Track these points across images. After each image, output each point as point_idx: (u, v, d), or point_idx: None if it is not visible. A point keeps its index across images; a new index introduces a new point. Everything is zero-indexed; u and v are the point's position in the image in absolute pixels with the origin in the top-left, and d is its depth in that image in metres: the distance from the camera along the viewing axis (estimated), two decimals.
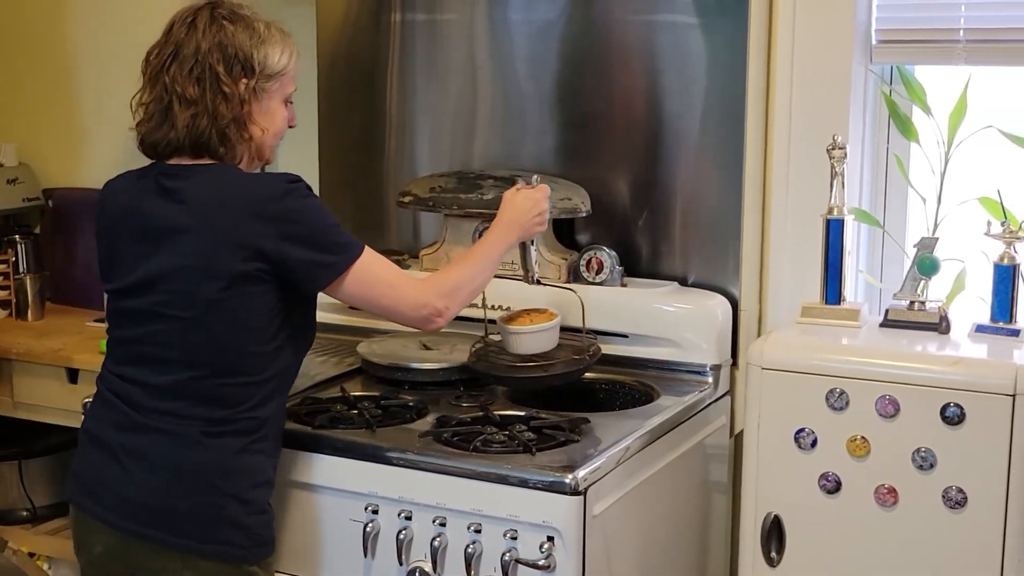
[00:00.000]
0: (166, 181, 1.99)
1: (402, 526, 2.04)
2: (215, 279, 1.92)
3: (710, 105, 2.55)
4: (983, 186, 2.40)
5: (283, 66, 2.03)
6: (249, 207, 1.93)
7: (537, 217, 2.23)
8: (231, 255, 1.92)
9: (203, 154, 1.99)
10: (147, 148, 2.02)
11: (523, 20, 2.71)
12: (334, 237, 1.98)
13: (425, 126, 2.85)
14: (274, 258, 1.93)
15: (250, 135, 2.01)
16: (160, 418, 1.97)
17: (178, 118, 1.96)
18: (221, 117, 1.97)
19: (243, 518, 1.97)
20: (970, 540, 2.09)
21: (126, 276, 2.01)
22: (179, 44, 1.97)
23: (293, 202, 1.95)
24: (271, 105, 2.03)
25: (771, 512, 2.23)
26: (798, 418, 2.19)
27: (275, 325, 1.98)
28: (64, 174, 3.35)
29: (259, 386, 1.98)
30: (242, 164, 2.03)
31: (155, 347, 1.98)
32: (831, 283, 2.37)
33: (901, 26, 2.52)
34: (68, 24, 3.32)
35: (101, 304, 3.12)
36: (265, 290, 1.95)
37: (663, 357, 2.49)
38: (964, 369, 2.10)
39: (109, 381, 2.04)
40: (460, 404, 2.29)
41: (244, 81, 1.98)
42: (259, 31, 2.01)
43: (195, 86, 1.95)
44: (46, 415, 2.87)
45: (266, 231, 1.91)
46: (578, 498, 1.93)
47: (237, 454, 1.97)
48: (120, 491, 1.98)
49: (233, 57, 1.97)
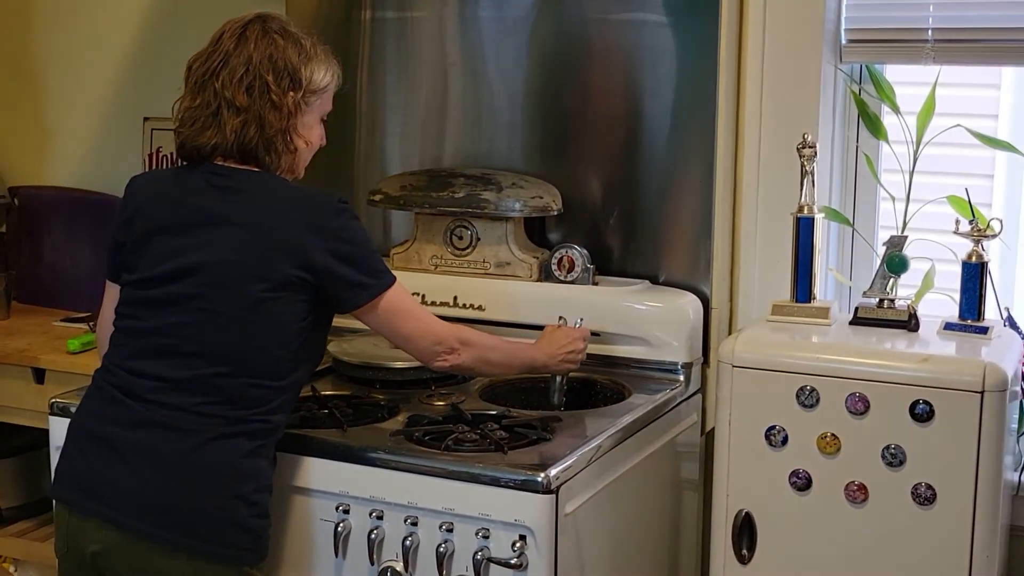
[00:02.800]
0: (219, 180, 2.01)
1: (373, 526, 2.03)
2: (263, 280, 1.95)
3: (681, 103, 2.55)
4: (951, 185, 2.42)
5: (326, 84, 2.10)
6: (306, 218, 1.98)
7: (569, 355, 2.29)
8: (283, 259, 1.95)
9: (250, 160, 2.03)
10: (189, 151, 2.05)
11: (494, 17, 2.70)
12: (376, 263, 2.04)
13: (396, 124, 2.85)
14: (320, 271, 1.97)
15: (295, 147, 2.06)
16: (170, 413, 1.94)
17: (227, 124, 2.00)
18: (269, 126, 2.01)
19: (249, 520, 1.96)
20: (939, 536, 2.10)
21: (154, 266, 2.00)
22: (228, 54, 2.02)
23: (345, 221, 2.01)
24: (311, 120, 2.09)
25: (742, 509, 2.24)
26: (769, 415, 2.20)
27: (303, 335, 2.00)
28: (30, 172, 3.32)
29: (277, 391, 1.99)
30: (280, 175, 2.07)
31: (177, 340, 1.97)
32: (801, 281, 2.38)
33: (870, 25, 2.53)
34: (34, 22, 3.29)
35: (67, 303, 3.11)
36: (304, 299, 1.98)
37: (635, 355, 2.49)
38: (933, 366, 2.11)
39: (113, 375, 2.01)
40: (432, 403, 2.28)
41: (291, 94, 2.03)
42: (307, 48, 2.07)
43: (245, 94, 2.00)
44: (12, 416, 2.84)
45: (318, 244, 1.96)
46: (550, 496, 1.92)
47: (246, 456, 1.96)
48: (123, 489, 1.94)
49: (283, 70, 2.02)
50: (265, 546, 2.01)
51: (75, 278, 3.15)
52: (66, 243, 3.13)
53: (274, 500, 2.09)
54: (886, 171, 2.56)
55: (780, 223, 2.48)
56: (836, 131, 2.60)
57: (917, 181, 2.44)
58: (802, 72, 2.50)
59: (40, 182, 3.30)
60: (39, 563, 2.89)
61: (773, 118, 2.53)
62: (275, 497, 2.09)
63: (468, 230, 2.65)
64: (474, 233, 2.64)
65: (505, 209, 2.57)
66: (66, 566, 2.04)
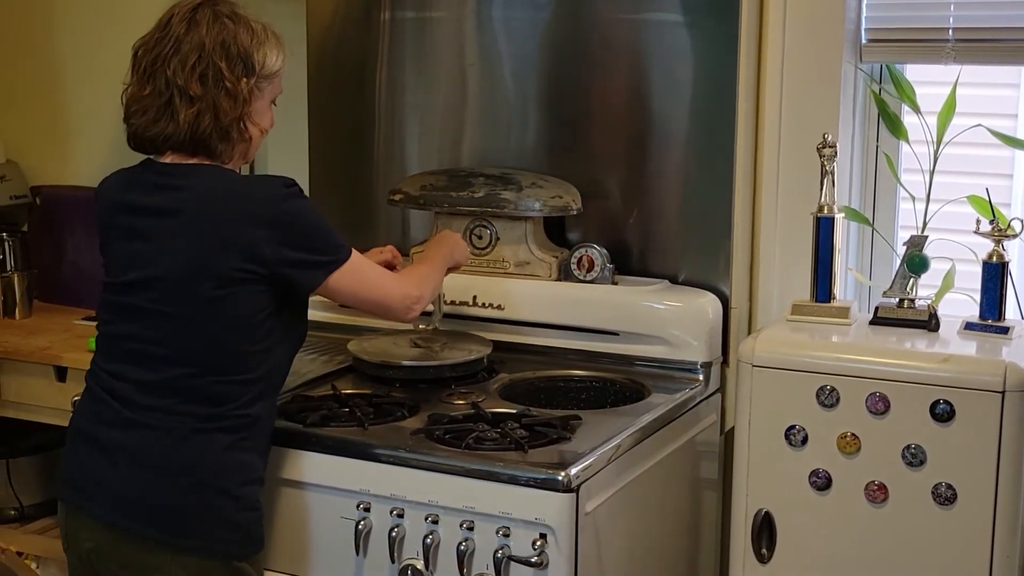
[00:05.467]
0: (162, 179, 1.99)
1: (394, 524, 2.04)
2: (210, 278, 1.93)
3: (701, 103, 2.55)
4: (972, 184, 2.41)
5: (278, 67, 2.06)
6: (248, 209, 1.95)
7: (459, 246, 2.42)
8: (228, 255, 1.93)
9: (200, 151, 2.00)
10: (141, 142, 2.02)
11: (512, 18, 2.70)
12: (328, 239, 2.02)
13: (414, 124, 2.85)
14: (271, 260, 1.94)
15: (249, 134, 2.03)
16: (150, 414, 1.96)
17: (179, 113, 1.97)
18: (224, 115, 1.98)
19: (233, 514, 1.97)
20: (960, 536, 2.10)
21: (120, 273, 2.02)
22: (179, 39, 1.97)
23: (291, 205, 1.97)
24: (263, 105, 2.06)
25: (762, 509, 2.23)
26: (788, 415, 2.20)
27: (267, 325, 1.99)
28: (52, 171, 3.33)
29: (250, 384, 1.99)
30: (231, 163, 2.05)
31: (146, 344, 1.98)
32: (821, 281, 2.38)
33: (890, 25, 2.53)
34: (56, 20, 3.30)
35: (89, 302, 3.11)
36: (258, 291, 1.96)
37: (654, 355, 2.49)
38: (953, 366, 2.11)
39: (99, 377, 2.04)
40: (452, 402, 2.29)
41: (245, 80, 2.00)
42: (258, 32, 2.03)
43: (199, 83, 1.96)
44: (34, 414, 2.85)
45: (264, 234, 1.93)
46: (570, 495, 1.93)
47: (226, 450, 1.97)
48: (110, 487, 1.98)
49: (236, 56, 1.99)
50: (255, 540, 2.01)
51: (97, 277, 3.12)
52: (88, 242, 3.13)
53: (294, 498, 2.10)
54: (906, 171, 2.56)
55: (800, 223, 2.47)
56: (856, 131, 2.59)
57: (937, 181, 2.44)
58: (822, 72, 2.49)
59: (62, 181, 3.31)
60: (60, 560, 2.89)
61: (793, 118, 2.52)
62: (295, 495, 2.10)
63: (488, 229, 2.65)
64: (493, 233, 2.65)
65: (525, 209, 2.57)
66: (70, 562, 2.08)
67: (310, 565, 2.14)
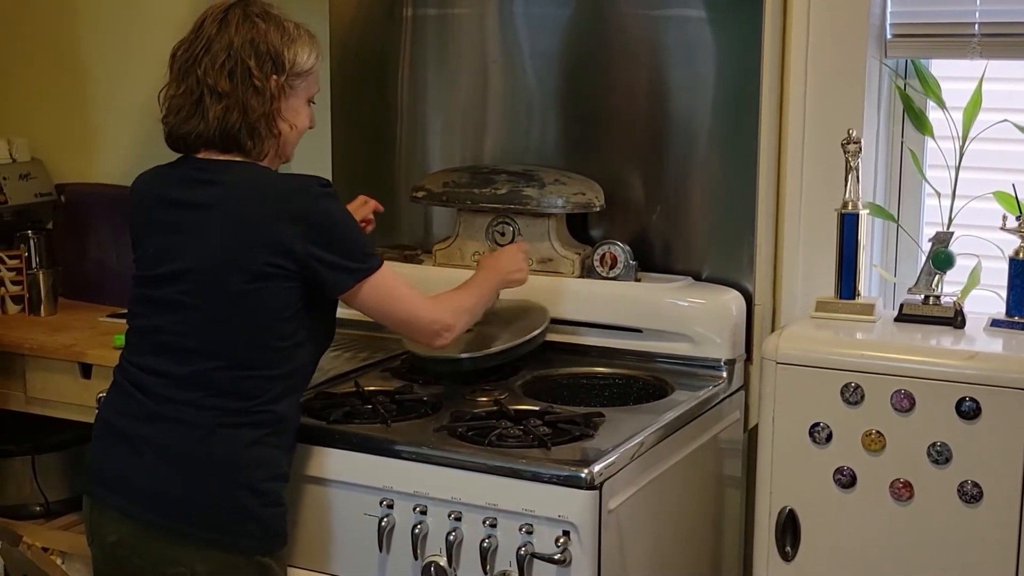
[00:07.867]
0: (198, 174, 2.02)
1: (417, 520, 2.04)
2: (240, 271, 1.95)
3: (724, 99, 2.54)
4: (998, 180, 2.39)
5: (310, 66, 2.08)
6: (282, 206, 1.96)
7: (516, 271, 2.35)
8: (260, 251, 1.95)
9: (232, 148, 2.02)
10: (175, 141, 2.05)
11: (535, 15, 2.70)
12: (360, 246, 2.03)
13: (437, 121, 2.85)
14: (300, 256, 1.96)
15: (279, 131, 2.05)
16: (177, 408, 1.98)
17: (209, 111, 1.99)
18: (251, 111, 2.00)
19: (257, 509, 1.98)
20: (985, 534, 2.08)
21: (153, 266, 2.03)
22: (211, 39, 2.01)
23: (323, 204, 1.99)
24: (297, 103, 2.07)
25: (786, 506, 2.23)
26: (813, 412, 2.19)
27: (295, 322, 2.00)
28: (77, 169, 3.35)
29: (276, 381, 2.00)
30: (266, 161, 2.07)
31: (177, 337, 1.99)
32: (846, 278, 2.36)
33: (915, 20, 2.51)
34: (80, 19, 3.32)
35: (114, 299, 3.13)
36: (287, 287, 1.97)
37: (677, 352, 2.48)
38: (979, 363, 2.09)
39: (128, 371, 2.05)
40: (475, 399, 2.29)
41: (274, 78, 2.02)
42: (289, 31, 2.05)
43: (227, 80, 1.99)
44: (59, 410, 2.87)
45: (296, 231, 1.95)
46: (594, 492, 1.93)
47: (250, 446, 1.98)
48: (136, 480, 1.99)
49: (265, 54, 2.01)
50: (279, 536, 2.02)
51: (121, 274, 3.16)
52: (112, 239, 3.16)
53: (317, 495, 2.11)
54: (931, 167, 2.54)
55: (824, 219, 2.46)
56: (881, 127, 2.58)
57: (963, 177, 2.42)
58: (847, 67, 2.48)
59: (87, 179, 3.33)
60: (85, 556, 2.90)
61: (817, 114, 2.51)
62: (319, 492, 2.11)
63: (510, 226, 2.65)
64: (516, 229, 2.65)
65: (547, 205, 2.57)
66: (94, 555, 2.09)
67: (333, 561, 2.14)
